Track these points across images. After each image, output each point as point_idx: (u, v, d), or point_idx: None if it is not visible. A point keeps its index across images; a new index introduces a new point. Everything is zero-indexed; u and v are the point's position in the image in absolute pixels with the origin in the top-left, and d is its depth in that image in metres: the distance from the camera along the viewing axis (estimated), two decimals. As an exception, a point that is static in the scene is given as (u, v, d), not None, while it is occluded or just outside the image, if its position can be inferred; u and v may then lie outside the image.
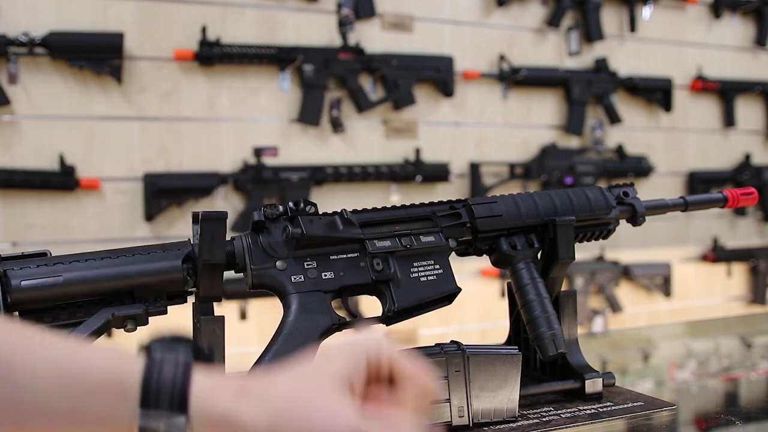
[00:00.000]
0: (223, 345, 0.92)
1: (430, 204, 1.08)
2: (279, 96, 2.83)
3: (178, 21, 2.67)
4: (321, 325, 0.95)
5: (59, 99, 2.53)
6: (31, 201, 2.50)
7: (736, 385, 1.38)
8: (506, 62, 3.17)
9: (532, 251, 1.09)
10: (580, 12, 3.32)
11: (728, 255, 3.64)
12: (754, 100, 3.78)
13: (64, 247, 1.79)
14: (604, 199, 1.14)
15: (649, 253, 3.48)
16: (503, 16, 3.21)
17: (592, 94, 3.32)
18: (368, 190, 2.94)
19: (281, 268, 0.96)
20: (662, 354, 1.70)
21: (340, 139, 2.92)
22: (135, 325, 0.92)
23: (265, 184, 2.71)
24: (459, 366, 0.94)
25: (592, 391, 1.08)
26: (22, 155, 2.49)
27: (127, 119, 2.62)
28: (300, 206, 0.98)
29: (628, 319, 3.42)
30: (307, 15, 2.87)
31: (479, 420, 0.95)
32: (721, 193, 1.24)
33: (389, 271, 1.00)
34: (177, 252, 0.94)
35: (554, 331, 1.03)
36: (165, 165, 2.66)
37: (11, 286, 0.86)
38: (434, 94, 3.07)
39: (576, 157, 3.27)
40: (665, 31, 3.55)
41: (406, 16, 3.02)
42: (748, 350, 1.71)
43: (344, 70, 2.84)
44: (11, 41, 2.40)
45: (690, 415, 1.14)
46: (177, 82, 2.68)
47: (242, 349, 2.48)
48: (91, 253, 0.92)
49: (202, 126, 2.72)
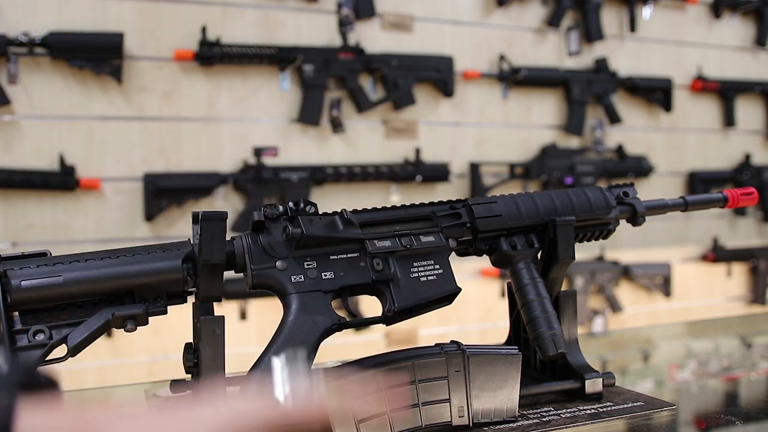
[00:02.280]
0: (223, 345, 0.92)
1: (430, 204, 1.08)
2: (279, 96, 2.83)
3: (178, 21, 2.66)
4: (321, 325, 0.95)
5: (59, 99, 2.53)
6: (31, 201, 2.50)
7: (736, 385, 1.38)
8: (506, 62, 3.17)
9: (532, 251, 1.09)
10: (580, 12, 3.32)
11: (728, 255, 3.64)
12: (754, 100, 3.78)
13: (64, 247, 1.79)
14: (604, 199, 1.14)
15: (649, 253, 3.48)
16: (503, 16, 3.21)
17: (592, 94, 3.32)
18: (368, 190, 2.94)
19: (281, 268, 0.96)
20: (662, 354, 1.70)
21: (340, 139, 2.92)
22: (135, 325, 0.92)
23: (265, 184, 2.71)
24: (459, 366, 0.94)
25: (592, 391, 1.08)
26: (22, 155, 2.49)
27: (127, 119, 2.62)
28: (300, 206, 0.98)
29: (628, 319, 3.42)
30: (307, 15, 2.87)
31: (479, 420, 0.95)
32: (721, 193, 1.24)
33: (389, 271, 1.00)
34: (177, 252, 0.94)
35: (554, 331, 1.03)
36: (165, 165, 2.66)
37: (11, 286, 0.87)
38: (434, 94, 3.07)
39: (576, 157, 3.27)
40: (665, 31, 3.55)
41: (406, 16, 3.02)
42: (748, 350, 1.71)
43: (344, 70, 2.84)
44: (11, 41, 2.40)
45: (690, 415, 1.14)
46: (177, 82, 2.68)
47: (242, 349, 2.48)
48: (91, 253, 0.92)
49: (202, 126, 2.72)
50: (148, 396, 1.13)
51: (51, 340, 0.88)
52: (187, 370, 0.96)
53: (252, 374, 0.91)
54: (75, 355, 0.90)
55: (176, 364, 1.08)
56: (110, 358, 2.60)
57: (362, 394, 0.88)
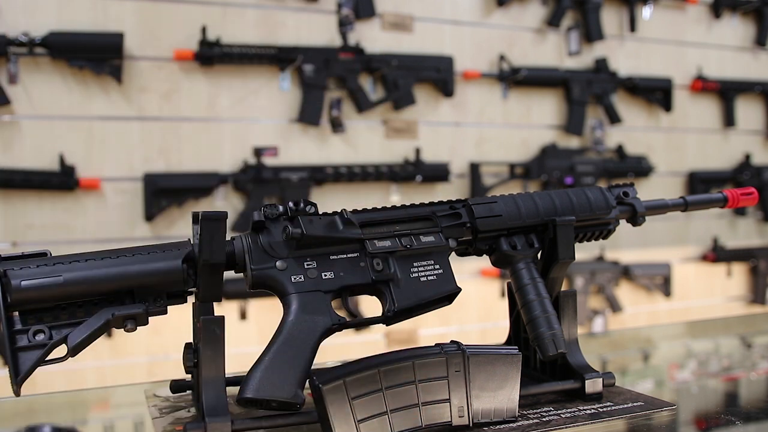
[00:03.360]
0: (223, 345, 0.92)
1: (430, 204, 1.07)
2: (279, 96, 2.83)
3: (178, 21, 2.66)
4: (321, 325, 0.95)
5: (59, 99, 2.53)
6: (31, 201, 2.50)
7: (736, 385, 1.38)
8: (506, 62, 3.17)
9: (532, 251, 1.09)
10: (580, 12, 3.32)
11: (728, 255, 3.64)
12: (754, 100, 3.78)
13: (64, 247, 1.79)
14: (604, 199, 1.14)
15: (649, 253, 3.48)
16: (503, 16, 3.21)
17: (592, 94, 3.32)
18: (368, 190, 2.94)
19: (281, 268, 0.96)
20: (662, 354, 1.70)
21: (340, 139, 2.92)
22: (135, 325, 0.92)
23: (265, 184, 2.71)
24: (459, 366, 0.94)
25: (592, 391, 1.08)
26: (22, 155, 2.49)
27: (127, 119, 2.62)
28: (300, 206, 0.98)
29: (628, 319, 3.42)
30: (307, 15, 2.87)
31: (479, 420, 0.95)
32: (721, 193, 1.24)
33: (389, 271, 1.00)
34: (177, 252, 0.94)
35: (554, 331, 1.03)
36: (165, 165, 2.66)
37: (11, 286, 0.87)
38: (434, 94, 3.07)
39: (576, 157, 3.27)
40: (665, 31, 3.55)
41: (406, 16, 3.02)
42: (748, 350, 1.71)
43: (344, 70, 2.84)
44: (11, 41, 2.40)
45: (690, 415, 1.14)
46: (177, 82, 2.68)
47: (242, 349, 2.48)
48: (91, 253, 0.92)
49: (202, 126, 2.72)
50: (148, 396, 1.13)
51: (51, 340, 0.88)
52: (187, 370, 0.96)
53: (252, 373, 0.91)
54: (75, 355, 0.90)
55: (176, 364, 1.08)
56: (110, 358, 2.60)
57: (362, 394, 0.88)
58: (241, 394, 0.90)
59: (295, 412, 0.93)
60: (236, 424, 0.90)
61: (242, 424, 0.91)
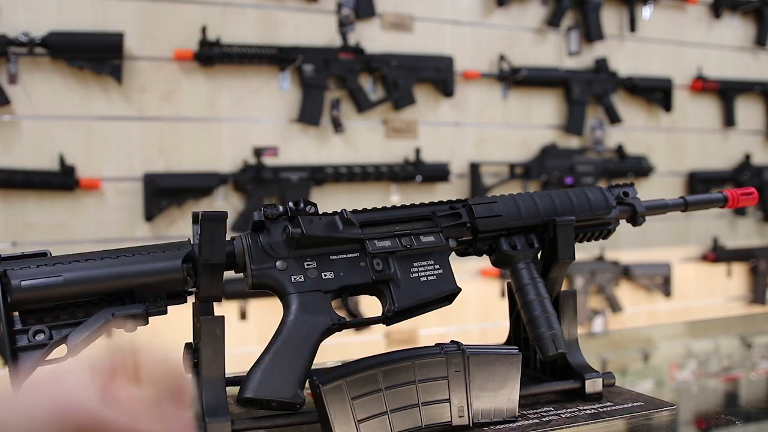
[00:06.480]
0: (223, 345, 0.92)
1: (430, 204, 1.07)
2: (279, 96, 2.83)
3: (178, 21, 2.66)
4: (321, 325, 0.95)
5: (59, 99, 2.53)
6: (31, 201, 2.50)
7: (736, 385, 1.38)
8: (506, 62, 3.17)
9: (532, 251, 1.09)
10: (580, 12, 3.32)
11: (728, 255, 3.64)
12: (754, 100, 3.78)
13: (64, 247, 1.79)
14: (604, 199, 1.14)
15: (649, 253, 3.48)
16: (503, 16, 3.21)
17: (592, 94, 3.32)
18: (368, 190, 2.94)
19: (281, 268, 0.96)
20: (662, 354, 1.70)
21: (340, 139, 2.92)
22: (135, 325, 0.92)
23: (265, 184, 2.71)
24: (459, 366, 0.94)
25: (592, 391, 1.08)
26: (22, 155, 2.49)
27: (127, 119, 2.62)
28: (300, 206, 0.98)
29: (628, 319, 3.42)
30: (307, 15, 2.87)
31: (479, 420, 0.95)
32: (721, 193, 1.23)
33: (389, 271, 1.00)
34: (177, 252, 0.94)
35: (554, 331, 1.03)
36: (165, 165, 2.66)
37: (11, 286, 0.86)
38: (434, 94, 3.07)
39: (576, 157, 3.27)
40: (665, 31, 3.55)
41: (406, 16, 3.02)
42: (748, 350, 1.71)
43: (344, 70, 2.84)
44: (11, 41, 2.40)
45: (690, 415, 1.14)
46: (177, 82, 2.68)
47: (242, 349, 2.48)
48: (91, 253, 0.92)
49: (202, 126, 2.72)
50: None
51: (51, 340, 0.88)
52: (187, 370, 0.96)
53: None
54: (75, 355, 0.90)
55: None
56: (110, 358, 2.60)
57: (362, 394, 0.88)
58: (241, 394, 0.90)
59: (295, 412, 0.93)
60: (236, 424, 0.90)
61: (242, 424, 0.91)
